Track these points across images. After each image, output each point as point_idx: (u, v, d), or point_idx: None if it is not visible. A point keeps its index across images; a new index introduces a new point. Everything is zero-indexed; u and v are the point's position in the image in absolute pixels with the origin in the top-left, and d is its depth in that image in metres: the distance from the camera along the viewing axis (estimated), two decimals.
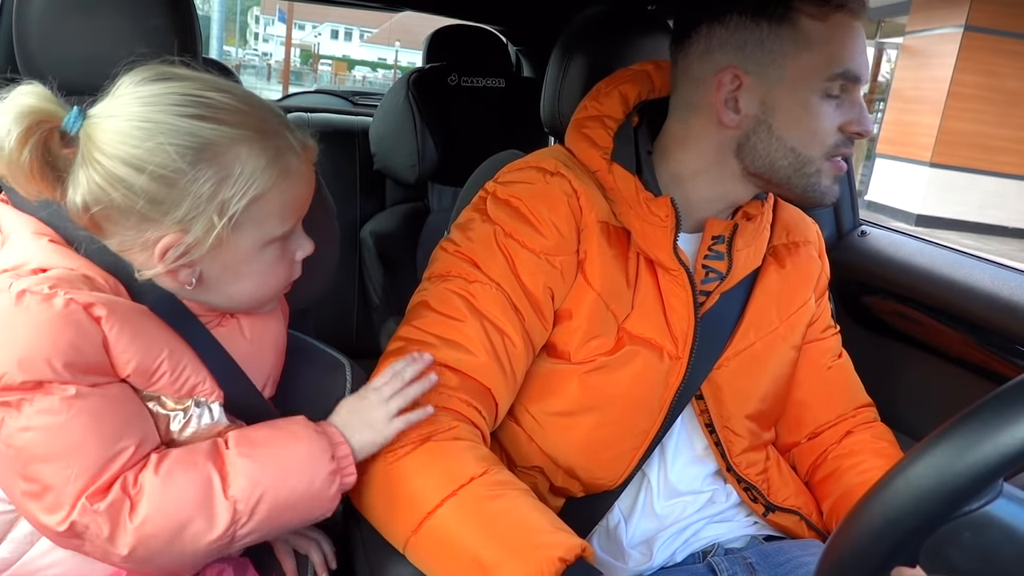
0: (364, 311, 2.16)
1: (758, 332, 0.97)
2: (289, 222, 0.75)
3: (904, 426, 1.17)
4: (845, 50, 0.83)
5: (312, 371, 0.97)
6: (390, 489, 0.79)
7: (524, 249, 0.88)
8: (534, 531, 0.72)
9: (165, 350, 0.72)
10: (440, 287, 0.89)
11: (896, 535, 0.48)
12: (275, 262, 0.77)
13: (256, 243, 0.73)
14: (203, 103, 0.68)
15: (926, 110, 9.94)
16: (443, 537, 0.74)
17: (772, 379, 0.99)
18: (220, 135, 0.68)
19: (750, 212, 0.95)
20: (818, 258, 1.06)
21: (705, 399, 0.95)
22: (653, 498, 0.97)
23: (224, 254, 0.72)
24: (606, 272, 0.89)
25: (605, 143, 0.93)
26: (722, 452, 0.97)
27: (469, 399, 0.84)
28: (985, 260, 1.34)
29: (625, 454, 0.93)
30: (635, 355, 0.90)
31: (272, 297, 0.81)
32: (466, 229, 0.92)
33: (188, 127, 0.67)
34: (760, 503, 0.99)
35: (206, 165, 0.67)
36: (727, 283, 0.94)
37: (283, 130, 0.73)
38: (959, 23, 9.55)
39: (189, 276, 0.73)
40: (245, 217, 0.70)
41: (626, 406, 0.91)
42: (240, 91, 0.73)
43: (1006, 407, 0.45)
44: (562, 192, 0.90)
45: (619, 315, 0.90)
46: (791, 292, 1.01)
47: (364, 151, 2.15)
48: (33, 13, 0.91)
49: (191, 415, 0.75)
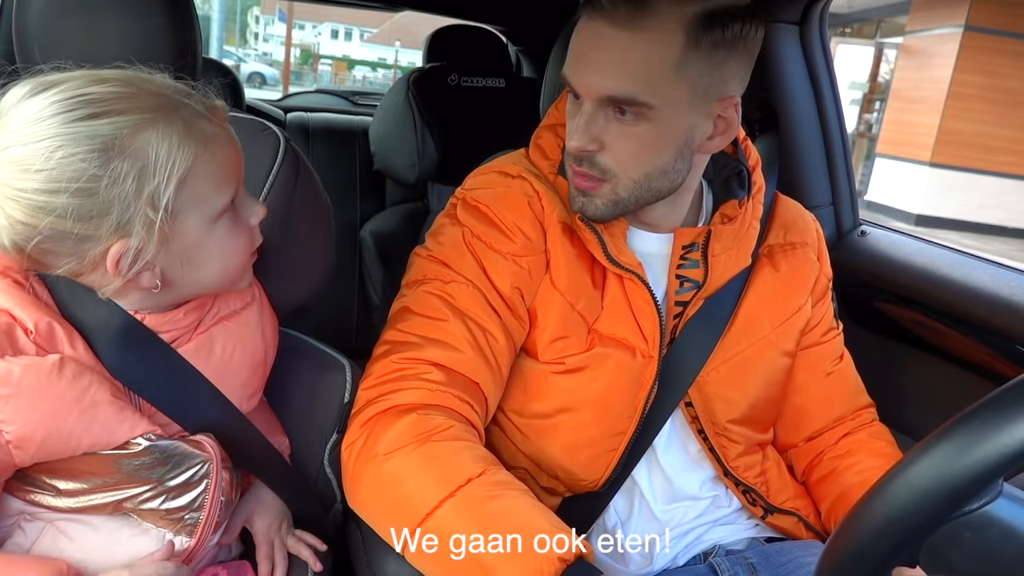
0: (364, 311, 2.16)
1: (749, 338, 0.96)
2: (228, 190, 0.73)
3: (904, 426, 1.17)
4: None
5: (312, 371, 0.97)
6: (388, 490, 0.78)
7: (491, 251, 0.90)
8: (533, 530, 0.71)
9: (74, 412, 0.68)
10: (418, 291, 0.90)
11: (896, 535, 0.48)
12: (231, 235, 0.74)
13: (203, 222, 0.71)
14: (89, 101, 0.65)
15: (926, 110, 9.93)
16: (443, 537, 0.74)
17: (763, 385, 0.98)
18: (119, 127, 0.65)
19: (728, 213, 0.95)
20: (816, 260, 1.04)
21: (695, 406, 0.95)
22: (651, 502, 0.97)
23: (176, 245, 0.70)
24: (571, 273, 0.90)
25: (554, 155, 0.95)
26: (717, 457, 0.97)
27: (460, 394, 0.84)
28: (985, 260, 1.34)
29: (604, 455, 0.93)
30: (606, 356, 0.90)
31: (242, 271, 0.79)
32: (437, 235, 0.94)
33: (85, 130, 0.64)
34: (759, 505, 0.99)
35: (119, 162, 0.65)
36: (708, 289, 0.94)
37: (182, 99, 0.70)
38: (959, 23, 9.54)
39: (152, 279, 0.71)
40: (181, 201, 0.68)
41: (601, 407, 0.91)
42: (123, 76, 0.69)
43: (1006, 407, 0.45)
44: (523, 194, 0.92)
45: (588, 317, 0.91)
46: (785, 296, 0.99)
47: (364, 151, 2.15)
48: (33, 13, 0.91)
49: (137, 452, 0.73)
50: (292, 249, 0.95)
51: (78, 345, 0.71)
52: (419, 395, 0.83)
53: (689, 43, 0.80)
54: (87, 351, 0.72)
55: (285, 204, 0.93)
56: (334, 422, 0.94)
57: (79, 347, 0.71)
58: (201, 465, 0.76)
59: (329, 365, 0.97)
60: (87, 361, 0.71)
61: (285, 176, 0.93)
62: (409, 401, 0.82)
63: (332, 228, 1.01)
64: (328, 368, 0.97)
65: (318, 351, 0.99)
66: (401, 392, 0.83)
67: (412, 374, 0.84)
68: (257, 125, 0.95)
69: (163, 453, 0.74)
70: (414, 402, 0.82)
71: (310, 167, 0.98)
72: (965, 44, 9.52)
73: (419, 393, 0.83)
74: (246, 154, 0.77)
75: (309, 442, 0.95)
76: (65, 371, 0.68)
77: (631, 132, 0.83)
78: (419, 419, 0.80)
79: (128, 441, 0.72)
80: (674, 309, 0.94)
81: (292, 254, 0.95)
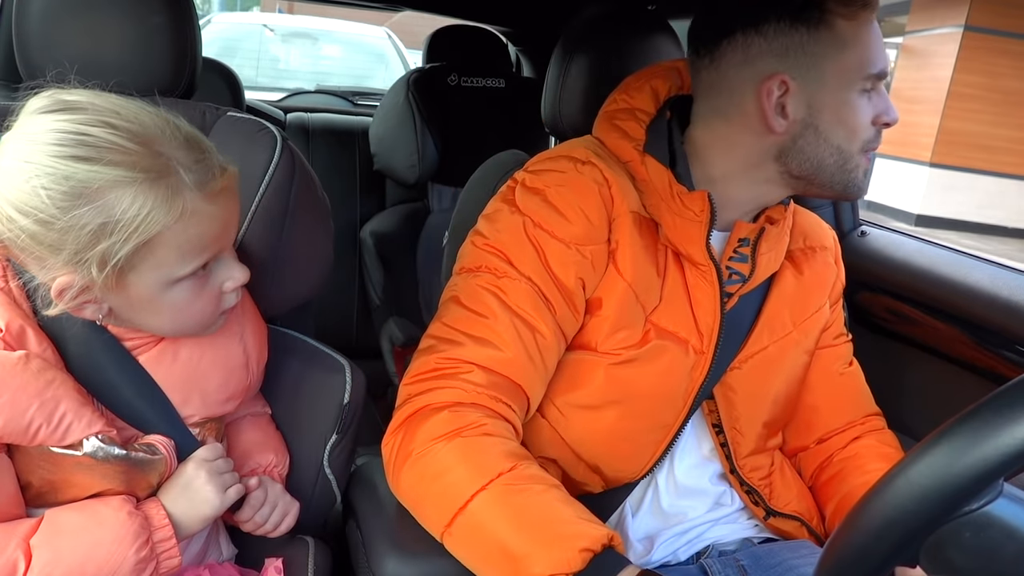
0: (364, 311, 2.16)
1: (772, 336, 0.97)
2: (194, 261, 0.71)
3: (904, 426, 1.17)
4: (876, 48, 0.85)
5: (312, 372, 0.97)
6: (426, 484, 0.80)
7: (554, 239, 0.87)
8: (560, 522, 0.74)
9: (35, 403, 0.69)
10: (470, 282, 0.89)
11: (896, 535, 0.48)
12: (189, 298, 0.73)
13: (157, 284, 0.70)
14: (83, 142, 0.65)
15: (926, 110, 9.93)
16: (475, 529, 0.76)
17: (784, 383, 0.99)
18: (97, 177, 0.64)
19: (774, 216, 0.95)
20: (834, 264, 1.06)
21: (716, 400, 0.95)
22: (660, 495, 0.97)
23: (126, 294, 0.70)
24: (637, 263, 0.89)
25: (638, 135, 0.93)
26: (727, 454, 0.97)
27: (498, 395, 0.84)
28: (985, 260, 1.34)
29: (647, 447, 0.93)
30: (663, 349, 0.90)
31: (200, 327, 0.78)
32: (494, 220, 0.91)
33: (63, 170, 0.64)
34: (761, 507, 0.99)
35: (84, 210, 0.64)
36: (748, 285, 0.94)
37: (181, 167, 0.68)
38: (959, 23, 9.53)
39: (95, 312, 0.71)
40: (136, 261, 0.67)
41: (652, 400, 0.91)
42: (143, 123, 0.68)
43: (1006, 407, 0.45)
44: (593, 181, 0.89)
45: (647, 307, 0.90)
46: (806, 297, 1.00)
47: (364, 151, 2.15)
48: (33, 13, 0.91)
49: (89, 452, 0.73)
50: (289, 249, 0.94)
51: (46, 349, 0.73)
52: (455, 394, 0.83)
53: None
54: (55, 355, 0.73)
55: (282, 204, 0.93)
56: (333, 422, 0.94)
57: (47, 351, 0.72)
58: (158, 464, 0.77)
59: (329, 365, 0.97)
60: (53, 362, 0.73)
61: (281, 176, 0.93)
62: (444, 400, 0.83)
63: (331, 228, 1.00)
64: (328, 368, 0.97)
65: (318, 351, 0.99)
66: (438, 391, 0.84)
67: (452, 373, 0.84)
68: (255, 125, 0.95)
69: (113, 457, 0.74)
70: (449, 401, 0.83)
71: (308, 167, 0.98)
72: (965, 44, 9.52)
73: (455, 392, 0.83)
74: (242, 155, 0.77)
75: (309, 443, 0.95)
76: (31, 365, 0.70)
77: None
78: (451, 416, 0.81)
79: (80, 441, 0.72)
80: None
81: (290, 254, 0.95)
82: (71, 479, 0.73)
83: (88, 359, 0.75)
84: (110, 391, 0.77)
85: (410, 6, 2.33)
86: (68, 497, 0.74)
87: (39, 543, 0.69)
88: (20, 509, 0.73)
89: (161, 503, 0.76)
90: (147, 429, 0.78)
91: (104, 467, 0.73)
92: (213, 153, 0.73)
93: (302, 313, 1.05)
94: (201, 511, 0.78)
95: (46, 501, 0.74)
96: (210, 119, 0.95)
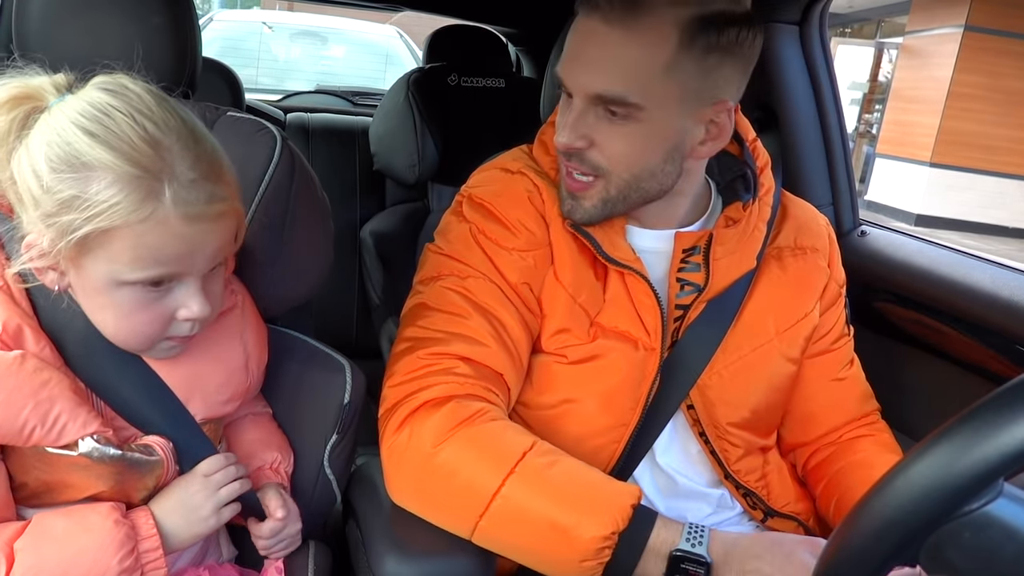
0: (364, 311, 2.16)
1: (751, 342, 0.96)
2: (143, 271, 0.69)
3: (904, 426, 1.17)
4: None
5: (312, 372, 0.97)
6: (443, 483, 0.80)
7: (498, 247, 0.91)
8: (595, 486, 0.80)
9: (29, 403, 0.69)
10: (435, 287, 0.91)
11: (896, 535, 0.48)
12: (135, 307, 0.71)
13: (106, 277, 0.69)
14: (101, 121, 0.67)
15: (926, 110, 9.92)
16: (515, 513, 0.77)
17: (765, 390, 0.98)
18: (92, 156, 0.66)
19: (733, 216, 0.95)
20: (827, 267, 1.03)
21: (696, 408, 0.95)
22: (654, 500, 0.97)
23: (81, 275, 0.70)
24: (574, 266, 0.91)
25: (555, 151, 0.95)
26: (718, 460, 0.97)
27: (488, 385, 0.86)
28: (985, 260, 1.33)
29: (607, 446, 0.93)
30: (609, 348, 0.91)
31: (138, 342, 0.75)
32: (446, 232, 0.95)
33: (71, 137, 0.66)
34: (759, 509, 0.99)
35: (66, 177, 0.66)
36: (710, 292, 0.93)
37: (171, 178, 0.67)
38: (959, 23, 9.53)
39: (53, 280, 0.71)
40: (93, 245, 0.67)
41: (604, 398, 0.92)
42: (162, 127, 0.68)
43: (1006, 407, 0.45)
44: (524, 190, 0.93)
45: (591, 310, 0.91)
46: (792, 302, 0.99)
47: (364, 151, 2.15)
48: (33, 13, 0.91)
49: (85, 452, 0.72)
50: (289, 249, 0.94)
51: (44, 347, 0.73)
52: (450, 388, 0.84)
53: (683, 45, 0.79)
54: (53, 353, 0.73)
55: (281, 204, 0.93)
56: (334, 423, 0.94)
57: (45, 349, 0.73)
58: (155, 466, 0.76)
59: (329, 365, 0.97)
60: (51, 361, 0.73)
61: (281, 176, 0.93)
62: (441, 394, 0.83)
63: (330, 228, 1.00)
64: (328, 369, 0.96)
65: (318, 351, 0.98)
66: (432, 387, 0.84)
67: (440, 369, 0.85)
68: (254, 125, 0.95)
69: (109, 457, 0.73)
70: (447, 394, 0.83)
71: (307, 167, 0.98)
72: (965, 44, 9.51)
73: (449, 386, 0.84)
74: (242, 155, 0.77)
75: (309, 443, 0.95)
76: (26, 364, 0.70)
77: (620, 132, 0.84)
78: (456, 407, 0.82)
79: (76, 441, 0.72)
80: (675, 312, 0.94)
81: (289, 254, 0.95)
82: (66, 480, 0.73)
83: (88, 359, 0.75)
84: (112, 390, 0.76)
85: (410, 6, 2.33)
86: (64, 498, 0.74)
87: (23, 547, 0.69)
88: (10, 511, 0.73)
89: (151, 512, 0.76)
90: (150, 429, 0.78)
91: (100, 467, 0.73)
92: (221, 184, 0.71)
93: (301, 313, 1.05)
94: (194, 529, 0.78)
95: (42, 502, 0.74)
96: (210, 119, 0.95)
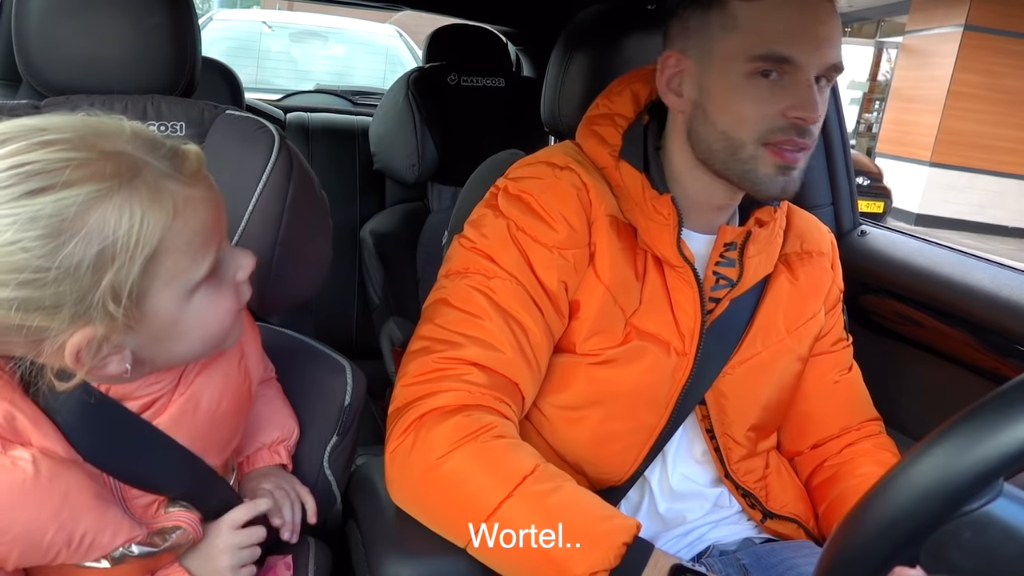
0: (364, 311, 2.16)
1: (765, 342, 0.97)
2: (207, 256, 0.62)
3: (903, 426, 1.17)
4: (772, 31, 0.81)
5: (313, 373, 0.97)
6: (448, 492, 0.80)
7: (537, 244, 0.88)
8: (592, 519, 0.76)
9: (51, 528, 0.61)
10: (459, 284, 0.89)
11: (896, 535, 0.48)
12: (212, 303, 0.65)
13: (177, 299, 0.62)
14: (30, 172, 0.54)
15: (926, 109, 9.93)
16: (508, 535, 0.76)
17: (775, 389, 0.99)
18: (67, 204, 0.54)
19: (762, 218, 0.95)
20: (830, 269, 1.05)
21: (707, 405, 0.95)
22: (656, 499, 0.97)
23: (147, 325, 0.61)
24: (616, 266, 0.90)
25: (614, 140, 0.94)
26: (721, 459, 0.97)
27: (500, 395, 0.85)
28: (985, 260, 1.33)
29: (631, 449, 0.93)
30: (643, 351, 0.90)
31: (228, 334, 0.69)
32: (479, 225, 0.92)
33: (24, 211, 0.53)
34: (758, 510, 0.99)
35: (72, 246, 0.54)
36: (737, 290, 0.94)
37: (146, 156, 0.59)
38: (959, 22, 9.53)
39: (121, 364, 0.61)
40: (148, 280, 0.58)
41: (633, 401, 0.91)
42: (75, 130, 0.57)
43: (1006, 407, 0.45)
44: (571, 186, 0.90)
45: (627, 310, 0.90)
46: (801, 303, 1.00)
47: (364, 151, 2.15)
48: (33, 13, 0.91)
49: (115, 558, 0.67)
50: (287, 249, 0.94)
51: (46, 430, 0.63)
52: (460, 396, 0.82)
53: None
54: (55, 432, 0.64)
55: (279, 203, 0.93)
56: (334, 424, 0.94)
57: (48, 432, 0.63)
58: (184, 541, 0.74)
59: (330, 366, 0.97)
60: (59, 450, 0.64)
61: (279, 175, 0.92)
62: (451, 402, 0.82)
63: (329, 227, 1.00)
64: (328, 369, 0.96)
65: (318, 352, 0.98)
66: (442, 393, 0.83)
67: (452, 374, 0.84)
68: (253, 124, 0.95)
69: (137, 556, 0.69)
70: (456, 403, 0.82)
71: (306, 166, 0.97)
72: (965, 44, 9.52)
73: (460, 395, 0.83)
74: (240, 154, 0.76)
75: (309, 444, 0.95)
76: (41, 475, 0.61)
77: (824, 97, 0.86)
78: (464, 419, 0.80)
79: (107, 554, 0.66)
80: (708, 305, 0.94)
81: (288, 254, 0.95)
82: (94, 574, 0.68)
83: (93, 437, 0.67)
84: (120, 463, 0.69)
85: (410, 6, 2.33)
86: None
87: None
88: None
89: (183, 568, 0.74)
90: (171, 494, 0.74)
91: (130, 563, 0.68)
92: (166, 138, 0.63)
93: (302, 313, 1.05)
94: None
95: None
96: (208, 117, 0.95)
